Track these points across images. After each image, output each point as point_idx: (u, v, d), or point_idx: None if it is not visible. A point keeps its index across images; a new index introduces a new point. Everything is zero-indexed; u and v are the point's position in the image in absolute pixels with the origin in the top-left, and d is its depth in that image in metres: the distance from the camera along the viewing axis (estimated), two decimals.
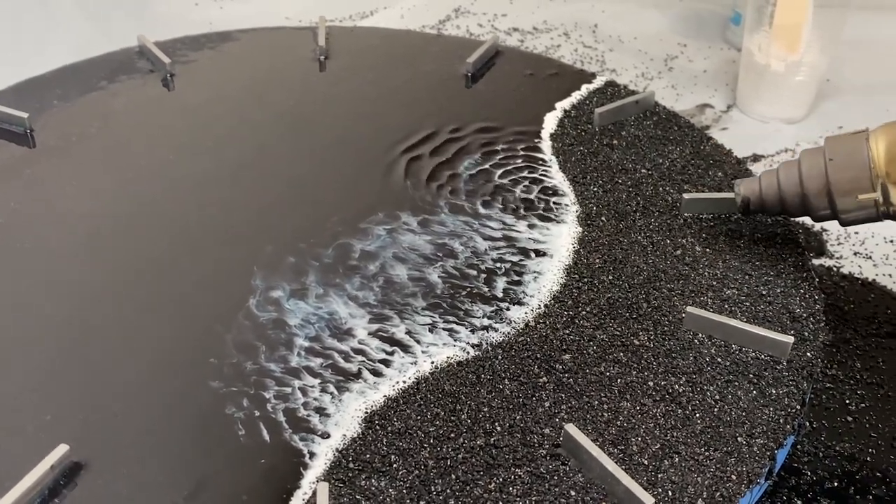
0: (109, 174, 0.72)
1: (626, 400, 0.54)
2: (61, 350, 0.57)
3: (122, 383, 0.55)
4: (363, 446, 0.51)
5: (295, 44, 0.91)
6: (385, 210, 0.69)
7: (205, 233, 0.67)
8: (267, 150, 0.76)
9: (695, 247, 0.66)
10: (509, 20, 1.15)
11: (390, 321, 0.59)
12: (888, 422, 0.63)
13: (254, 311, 0.60)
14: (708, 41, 1.11)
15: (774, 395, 0.54)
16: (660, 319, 0.60)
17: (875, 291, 0.74)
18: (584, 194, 0.71)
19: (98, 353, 0.57)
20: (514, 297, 0.62)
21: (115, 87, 0.83)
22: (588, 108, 0.82)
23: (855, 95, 0.99)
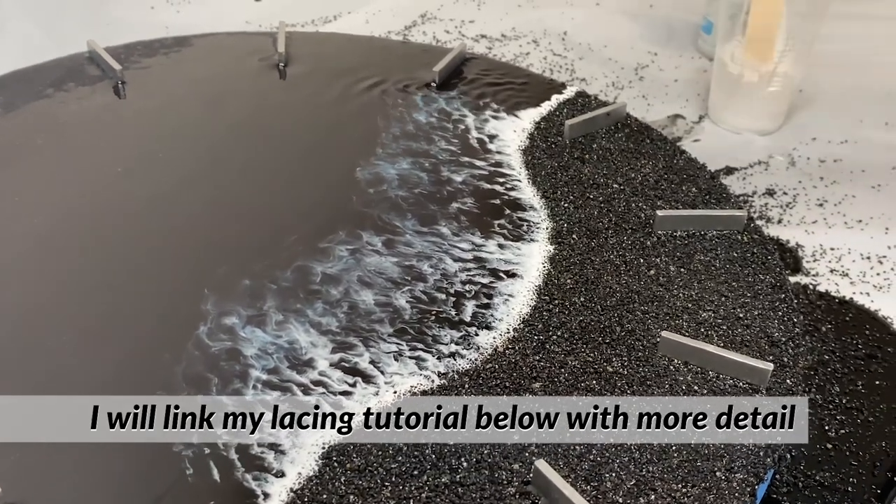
0: (52, 188, 0.68)
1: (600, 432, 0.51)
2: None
3: (60, 417, 0.51)
4: (320, 485, 0.48)
5: (253, 50, 0.87)
6: (346, 228, 0.65)
7: (152, 252, 0.63)
8: (221, 162, 0.73)
9: (669, 266, 0.63)
10: (477, 27, 1.12)
11: (354, 350, 0.56)
12: (869, 448, 0.60)
13: (205, 339, 0.56)
14: (679, 50, 1.09)
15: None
16: (634, 344, 0.57)
17: (853, 310, 0.71)
18: (554, 210, 0.68)
19: (34, 384, 0.53)
20: (483, 321, 0.59)
21: (62, 94, 0.79)
22: (558, 119, 0.79)
23: (829, 106, 0.97)
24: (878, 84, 1.01)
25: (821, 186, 0.86)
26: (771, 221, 0.81)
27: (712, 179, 0.72)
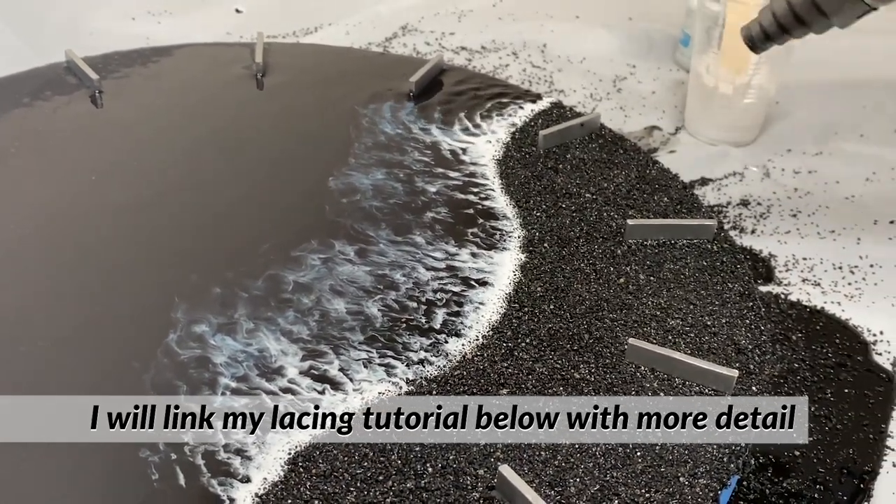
0: (26, 196, 0.69)
1: (565, 438, 0.51)
2: None
3: (28, 424, 0.51)
4: (285, 491, 0.48)
5: (232, 60, 0.88)
6: (318, 237, 0.66)
7: (124, 259, 0.64)
8: (195, 171, 0.73)
9: (639, 275, 0.64)
10: (457, 39, 1.12)
11: (324, 357, 0.56)
12: (836, 456, 0.61)
13: (174, 347, 0.56)
14: (657, 62, 1.10)
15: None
16: (601, 351, 0.58)
17: (823, 319, 0.72)
18: (527, 219, 0.69)
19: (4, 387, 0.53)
20: (453, 328, 0.59)
21: (39, 104, 0.79)
22: (533, 129, 0.80)
23: (804, 119, 0.98)
24: (852, 96, 1.02)
25: (795, 197, 0.87)
26: (745, 232, 0.82)
27: (684, 189, 0.73)
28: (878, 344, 0.70)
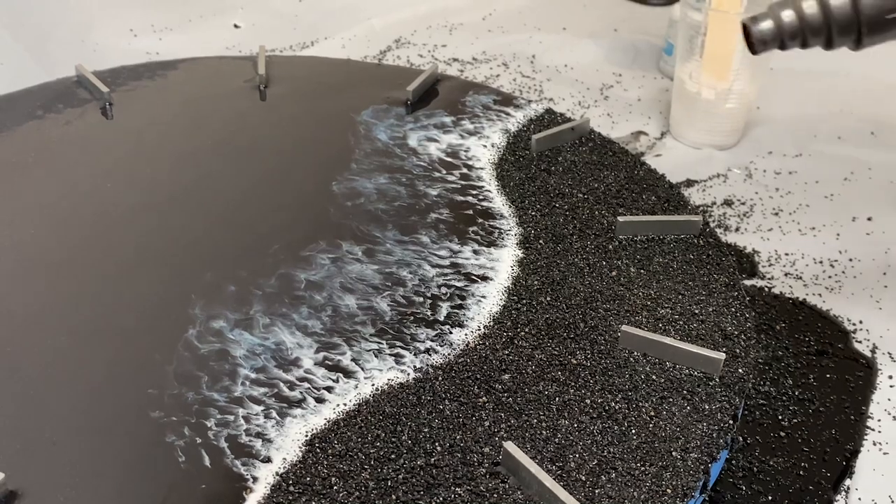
0: (46, 202, 0.72)
1: (564, 417, 0.55)
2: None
3: (60, 411, 0.54)
4: (303, 469, 0.51)
5: (235, 73, 0.91)
6: (326, 239, 0.69)
7: (142, 260, 0.67)
8: (206, 177, 0.77)
9: (630, 268, 0.68)
10: (449, 51, 1.16)
11: (337, 349, 0.60)
12: (819, 436, 0.64)
13: (194, 341, 0.59)
14: (642, 71, 1.14)
15: (707, 410, 0.56)
16: (596, 338, 0.61)
17: (805, 311, 0.76)
18: (523, 218, 0.73)
19: (35, 381, 0.56)
20: (457, 319, 0.62)
21: (52, 116, 0.82)
22: (526, 134, 0.83)
23: (784, 122, 1.02)
24: (830, 100, 1.06)
25: (776, 197, 0.91)
26: (729, 230, 0.86)
27: (671, 188, 0.77)
28: (857, 332, 0.74)
